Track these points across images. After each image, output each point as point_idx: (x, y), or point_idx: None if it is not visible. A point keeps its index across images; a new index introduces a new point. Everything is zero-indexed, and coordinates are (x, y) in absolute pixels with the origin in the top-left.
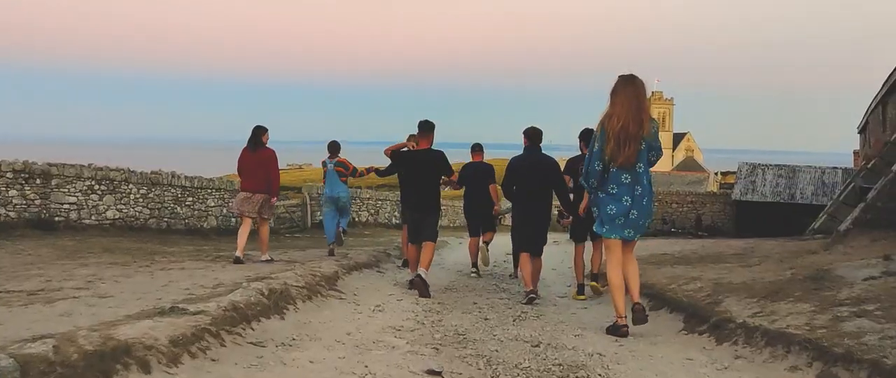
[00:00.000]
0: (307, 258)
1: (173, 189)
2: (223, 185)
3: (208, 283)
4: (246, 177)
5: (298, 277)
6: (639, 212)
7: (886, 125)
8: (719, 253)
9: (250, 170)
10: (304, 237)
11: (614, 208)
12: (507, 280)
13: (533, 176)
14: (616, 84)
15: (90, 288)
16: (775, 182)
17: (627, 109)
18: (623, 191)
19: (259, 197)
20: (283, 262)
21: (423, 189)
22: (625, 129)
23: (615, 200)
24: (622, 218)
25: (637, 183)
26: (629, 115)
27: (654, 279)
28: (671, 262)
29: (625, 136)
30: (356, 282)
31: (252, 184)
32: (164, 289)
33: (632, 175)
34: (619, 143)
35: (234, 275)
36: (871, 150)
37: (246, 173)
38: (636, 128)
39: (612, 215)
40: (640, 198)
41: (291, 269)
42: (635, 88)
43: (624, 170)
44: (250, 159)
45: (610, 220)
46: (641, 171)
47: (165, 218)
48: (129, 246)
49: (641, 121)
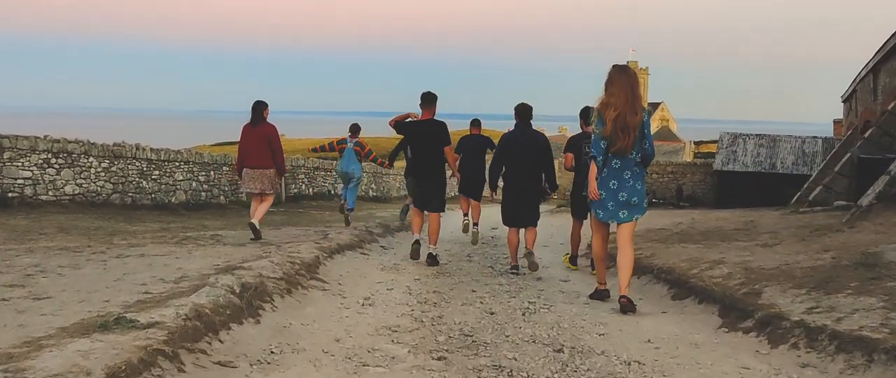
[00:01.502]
0: (283, 238)
1: (138, 162)
2: (192, 157)
3: (170, 275)
4: (249, 154)
5: (275, 266)
6: (628, 193)
7: (878, 94)
8: (719, 228)
9: (252, 146)
10: (278, 211)
11: (603, 193)
12: (502, 260)
13: (524, 152)
14: (610, 73)
15: (27, 284)
16: (756, 152)
17: (623, 100)
18: (611, 174)
19: (265, 172)
20: (258, 246)
21: (426, 159)
22: (621, 118)
23: (604, 185)
24: (612, 202)
25: (626, 168)
26: (625, 105)
27: (669, 261)
28: (676, 239)
29: (622, 125)
30: (339, 267)
31: (255, 160)
32: (116, 284)
33: (622, 161)
34: (617, 131)
35: (201, 263)
36: (859, 118)
37: (248, 150)
38: (632, 117)
39: (602, 200)
40: (629, 180)
41: (267, 255)
42: (628, 78)
43: (615, 155)
44: (252, 135)
45: (601, 205)
46: (632, 157)
47: (130, 193)
48: (87, 225)
49: (636, 110)
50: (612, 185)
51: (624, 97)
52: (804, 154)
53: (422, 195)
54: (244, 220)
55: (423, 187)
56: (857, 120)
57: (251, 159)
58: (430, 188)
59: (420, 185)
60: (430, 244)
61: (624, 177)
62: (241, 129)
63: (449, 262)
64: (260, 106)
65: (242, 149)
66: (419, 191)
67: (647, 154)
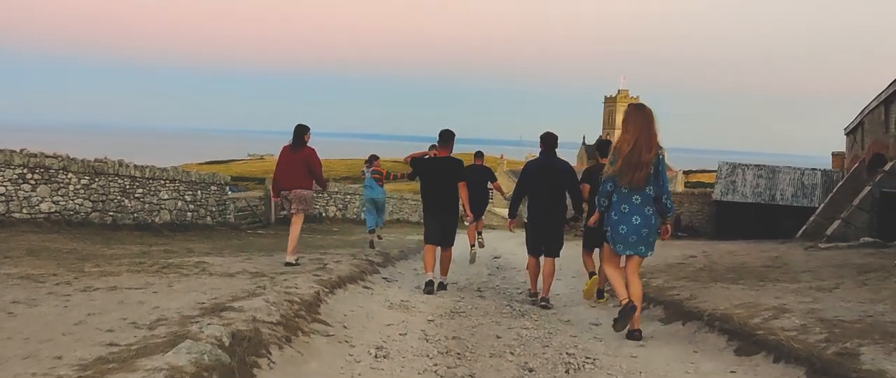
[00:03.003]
0: (276, 267)
1: (121, 179)
2: (178, 175)
3: (144, 316)
4: (283, 175)
5: (270, 307)
6: (649, 230)
7: (891, 126)
8: (744, 263)
9: (288, 168)
10: (267, 234)
11: (625, 228)
12: (515, 295)
13: (548, 179)
14: (627, 112)
15: None
16: (755, 182)
17: (638, 136)
18: (633, 210)
19: (296, 193)
20: (248, 277)
21: (442, 195)
22: (636, 153)
23: (626, 220)
24: (634, 236)
25: (646, 203)
26: (640, 142)
27: (717, 305)
28: (705, 276)
29: (636, 161)
30: (342, 304)
31: (288, 181)
32: (76, 331)
33: (642, 196)
34: (630, 167)
35: (183, 300)
36: (867, 151)
37: (283, 172)
38: (647, 154)
39: (623, 234)
40: (651, 217)
41: (261, 291)
42: (645, 117)
43: (634, 191)
44: (291, 158)
45: (622, 239)
46: (650, 193)
47: (111, 212)
48: (60, 247)
49: (651, 147)
50: (635, 220)
51: (639, 134)
52: (803, 186)
53: (439, 231)
54: (232, 243)
55: (440, 222)
56: (864, 152)
57: (287, 182)
58: (447, 224)
59: (437, 220)
60: (441, 275)
61: (646, 212)
62: (280, 151)
63: (461, 298)
64: (301, 130)
65: (279, 170)
66: (436, 227)
67: (662, 193)
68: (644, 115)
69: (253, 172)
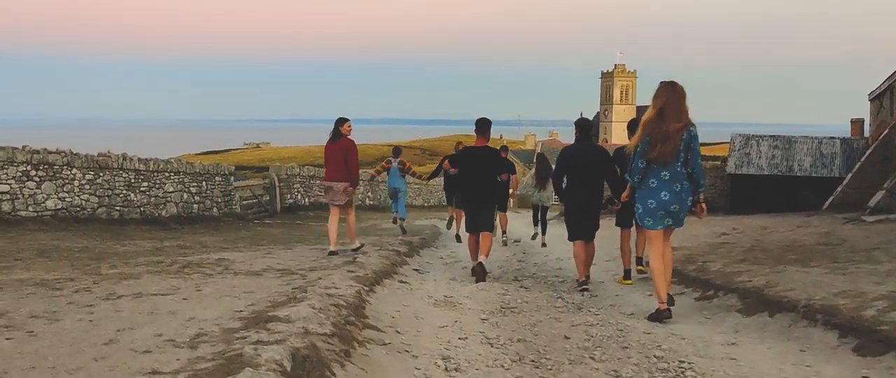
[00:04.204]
0: (303, 262)
1: (125, 173)
2: (182, 167)
3: (180, 330)
4: (329, 167)
5: (319, 315)
6: (679, 206)
7: None
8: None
9: (330, 160)
10: (275, 224)
11: (654, 203)
12: (557, 284)
13: (585, 165)
14: (658, 88)
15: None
16: (771, 154)
17: (664, 107)
18: (662, 186)
19: (340, 185)
20: (276, 275)
21: (481, 183)
22: (665, 123)
23: (654, 194)
24: (663, 211)
25: (676, 180)
26: (668, 112)
27: (809, 292)
28: (761, 257)
29: (663, 136)
30: (385, 304)
31: (334, 173)
32: (109, 353)
33: (671, 172)
34: (657, 141)
35: (218, 308)
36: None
37: (329, 163)
38: (675, 128)
39: (652, 209)
40: (680, 193)
41: (302, 294)
42: (675, 92)
43: (663, 167)
44: (332, 150)
45: (651, 214)
46: (679, 169)
47: (117, 207)
48: (71, 245)
49: (680, 118)
50: (664, 196)
51: (668, 109)
52: (822, 155)
53: (476, 219)
54: (242, 235)
55: (476, 211)
56: (894, 118)
57: (330, 173)
58: (485, 212)
59: (475, 210)
60: (481, 255)
61: (674, 188)
62: (325, 144)
63: (505, 291)
64: (340, 122)
65: (325, 163)
66: (471, 215)
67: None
68: (674, 89)
69: (250, 161)
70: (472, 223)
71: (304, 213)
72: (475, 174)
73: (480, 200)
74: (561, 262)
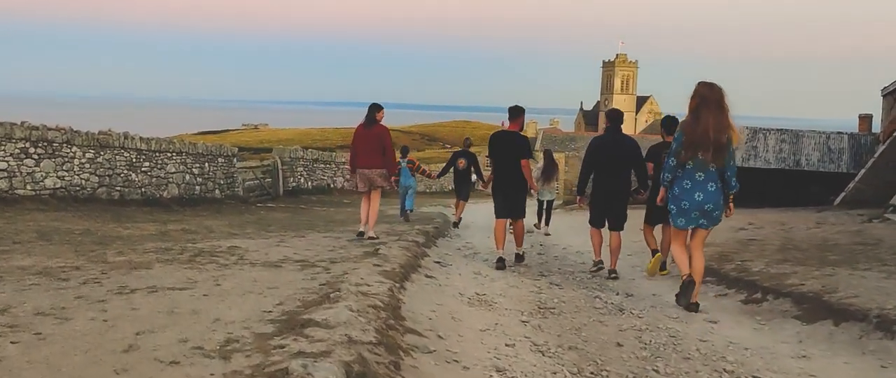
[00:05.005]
0: (321, 251)
1: (126, 152)
2: (185, 147)
3: (206, 334)
4: (362, 154)
5: (359, 319)
6: (713, 205)
7: None
8: (826, 239)
9: (365, 147)
10: (278, 207)
11: (687, 203)
12: (586, 280)
13: (614, 155)
14: (697, 88)
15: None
16: (778, 147)
17: (707, 114)
18: (696, 187)
19: (375, 172)
20: (297, 268)
21: (513, 169)
22: (703, 133)
23: (688, 195)
24: (696, 211)
25: (710, 180)
26: (709, 120)
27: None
28: (800, 256)
29: (702, 140)
30: (418, 303)
31: (367, 160)
32: (131, 364)
33: (705, 173)
34: (695, 145)
35: (243, 306)
36: None
37: (361, 150)
38: (715, 133)
39: (685, 209)
40: (715, 193)
41: (337, 295)
42: (715, 95)
43: (698, 168)
44: (365, 136)
45: (685, 214)
46: (714, 170)
47: (118, 187)
48: (72, 227)
49: (720, 126)
50: (697, 196)
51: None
52: (830, 150)
53: (508, 205)
54: (247, 219)
55: (506, 196)
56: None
57: (364, 159)
58: (515, 198)
59: (504, 194)
60: (517, 246)
61: (708, 188)
62: (355, 130)
63: (538, 289)
64: (374, 108)
65: (356, 149)
66: (503, 200)
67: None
68: (713, 93)
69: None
70: (504, 208)
71: (307, 197)
72: (507, 160)
73: (513, 185)
74: (582, 255)
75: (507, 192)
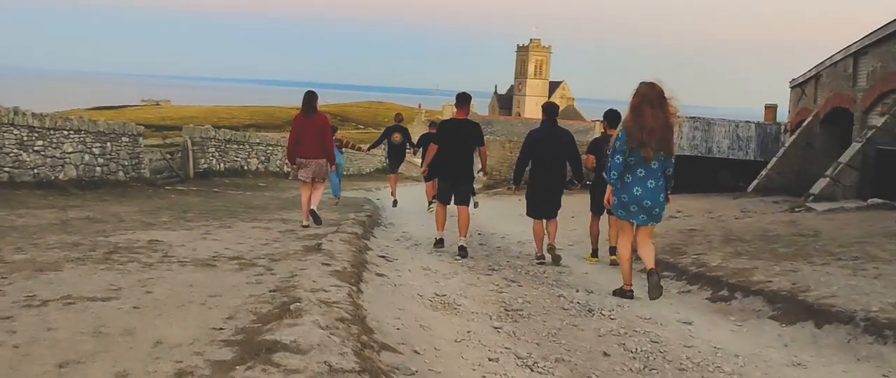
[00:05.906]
0: (249, 245)
1: (17, 129)
2: (84, 125)
3: (147, 363)
4: (303, 144)
5: (333, 339)
6: (652, 202)
7: (859, 79)
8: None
9: (306, 136)
10: (190, 191)
11: (627, 197)
12: (540, 275)
13: (550, 148)
14: (638, 87)
15: None
16: (692, 135)
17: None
18: (636, 182)
19: (319, 162)
20: (234, 267)
21: (459, 157)
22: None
23: (627, 190)
24: (635, 206)
25: (651, 177)
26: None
27: (862, 301)
28: (750, 248)
29: (642, 137)
30: (379, 309)
31: (310, 151)
32: None
33: (646, 170)
34: (635, 141)
35: (186, 324)
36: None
37: (302, 140)
38: (656, 129)
39: (625, 203)
40: (654, 190)
41: (298, 307)
42: (655, 92)
43: (639, 164)
44: (306, 125)
45: (624, 207)
46: (656, 167)
47: (6, 167)
48: None
49: (661, 123)
50: (636, 191)
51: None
52: (738, 138)
53: (454, 192)
54: (158, 204)
55: (457, 184)
56: (817, 106)
57: (306, 150)
58: (461, 187)
59: (451, 183)
60: (461, 236)
61: (648, 185)
62: (294, 119)
63: (499, 288)
64: (312, 96)
65: (296, 138)
66: (446, 188)
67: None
68: (654, 91)
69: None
70: (448, 195)
71: (219, 180)
72: (455, 147)
73: (461, 173)
74: (523, 246)
75: (456, 179)
